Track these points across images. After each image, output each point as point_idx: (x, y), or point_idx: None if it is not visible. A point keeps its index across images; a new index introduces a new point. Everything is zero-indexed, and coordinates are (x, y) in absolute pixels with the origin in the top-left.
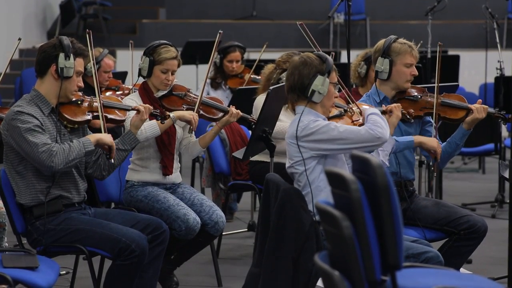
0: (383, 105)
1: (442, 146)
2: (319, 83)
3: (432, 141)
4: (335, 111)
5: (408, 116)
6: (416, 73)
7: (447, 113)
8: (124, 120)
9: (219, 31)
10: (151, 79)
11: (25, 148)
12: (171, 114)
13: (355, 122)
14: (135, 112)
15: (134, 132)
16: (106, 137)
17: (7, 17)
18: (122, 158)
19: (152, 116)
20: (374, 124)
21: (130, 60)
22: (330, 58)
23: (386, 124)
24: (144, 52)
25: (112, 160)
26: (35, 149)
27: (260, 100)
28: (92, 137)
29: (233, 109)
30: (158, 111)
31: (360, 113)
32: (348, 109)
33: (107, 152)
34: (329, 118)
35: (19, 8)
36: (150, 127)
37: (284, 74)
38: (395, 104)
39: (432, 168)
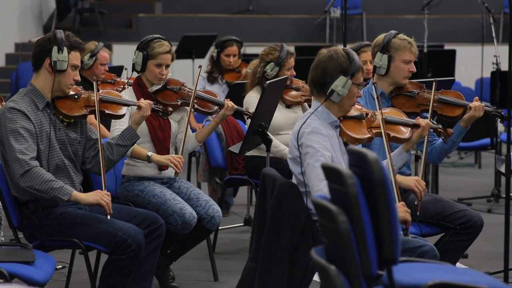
0: (419, 117)
1: (439, 142)
2: (340, 84)
3: (408, 180)
4: (356, 112)
5: (443, 137)
6: (414, 69)
7: (444, 111)
8: (123, 115)
9: (199, 66)
10: (145, 73)
11: (6, 148)
12: (149, 153)
13: (372, 129)
14: (134, 108)
15: (135, 128)
16: (90, 197)
17: (3, 11)
18: (122, 154)
19: (153, 112)
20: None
21: (126, 54)
22: (357, 58)
23: None
24: (137, 46)
25: (109, 216)
26: (12, 154)
27: (250, 96)
28: (76, 194)
29: (228, 102)
30: (161, 107)
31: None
32: (371, 115)
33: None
34: (347, 118)
35: (15, 2)
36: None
37: (268, 67)
38: (425, 121)
39: (416, 207)
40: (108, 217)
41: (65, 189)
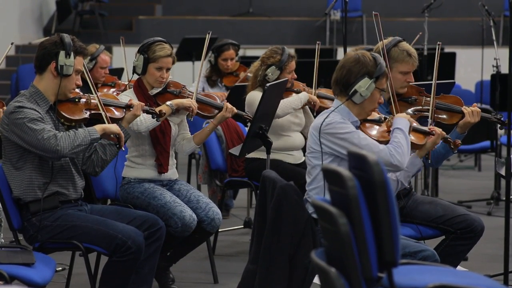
0: (430, 125)
1: (437, 146)
2: (364, 85)
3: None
4: (375, 116)
5: (452, 146)
6: (412, 80)
7: (441, 118)
8: (122, 118)
9: (208, 32)
10: (145, 76)
11: (29, 137)
12: (169, 102)
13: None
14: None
15: (125, 126)
16: (112, 126)
17: (3, 13)
18: (114, 153)
19: (147, 114)
20: (396, 148)
21: (126, 56)
22: (383, 63)
23: (408, 149)
24: (138, 49)
25: (123, 148)
26: (39, 136)
27: (251, 95)
28: (98, 126)
29: (227, 104)
30: (154, 109)
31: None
32: (390, 119)
33: (115, 142)
34: (366, 121)
35: (15, 4)
36: (149, 117)
37: (269, 70)
38: (440, 130)
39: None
40: (123, 149)
41: (90, 129)
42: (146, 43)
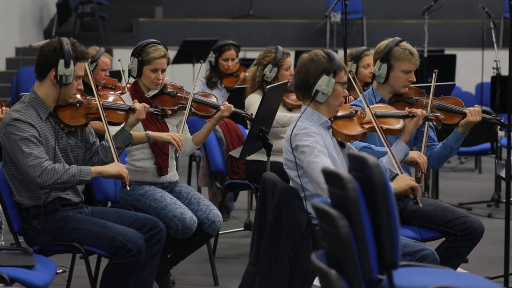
0: (406, 108)
1: (437, 147)
2: (324, 83)
3: (411, 153)
4: (346, 111)
5: (434, 123)
6: (414, 79)
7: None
8: (122, 123)
9: (200, 61)
10: (141, 79)
11: (17, 157)
12: (148, 133)
13: (364, 124)
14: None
15: (128, 130)
16: (111, 169)
17: (4, 16)
18: None
19: (152, 115)
20: None
21: (126, 59)
22: (338, 57)
23: None
24: (132, 52)
25: (128, 187)
26: (25, 160)
27: (250, 98)
28: (95, 169)
29: (225, 103)
30: (159, 109)
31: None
32: (360, 112)
33: (122, 181)
34: (337, 118)
35: (15, 6)
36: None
37: (266, 69)
38: (420, 110)
39: (419, 178)
40: (128, 188)
41: (83, 170)
42: (140, 45)
